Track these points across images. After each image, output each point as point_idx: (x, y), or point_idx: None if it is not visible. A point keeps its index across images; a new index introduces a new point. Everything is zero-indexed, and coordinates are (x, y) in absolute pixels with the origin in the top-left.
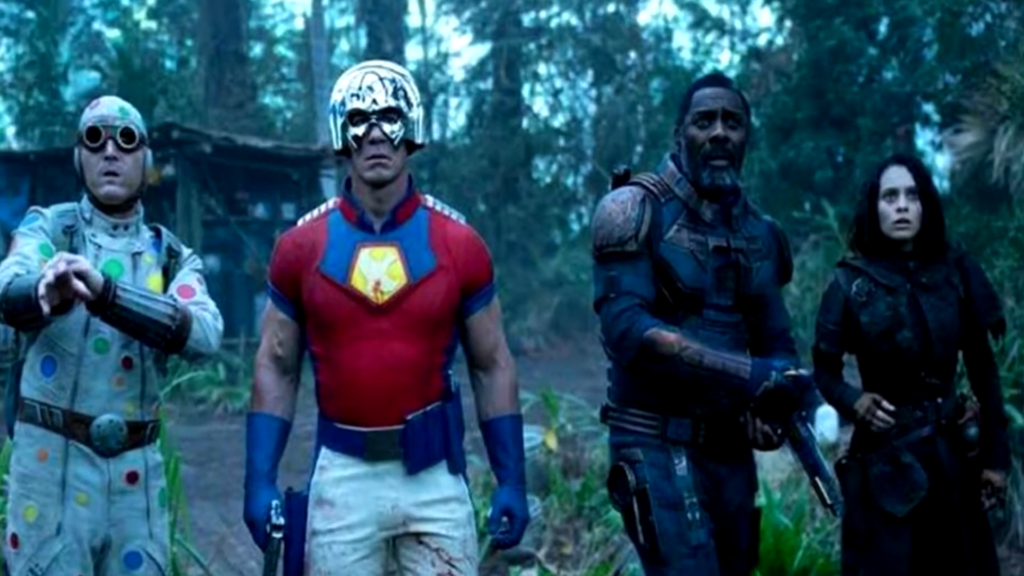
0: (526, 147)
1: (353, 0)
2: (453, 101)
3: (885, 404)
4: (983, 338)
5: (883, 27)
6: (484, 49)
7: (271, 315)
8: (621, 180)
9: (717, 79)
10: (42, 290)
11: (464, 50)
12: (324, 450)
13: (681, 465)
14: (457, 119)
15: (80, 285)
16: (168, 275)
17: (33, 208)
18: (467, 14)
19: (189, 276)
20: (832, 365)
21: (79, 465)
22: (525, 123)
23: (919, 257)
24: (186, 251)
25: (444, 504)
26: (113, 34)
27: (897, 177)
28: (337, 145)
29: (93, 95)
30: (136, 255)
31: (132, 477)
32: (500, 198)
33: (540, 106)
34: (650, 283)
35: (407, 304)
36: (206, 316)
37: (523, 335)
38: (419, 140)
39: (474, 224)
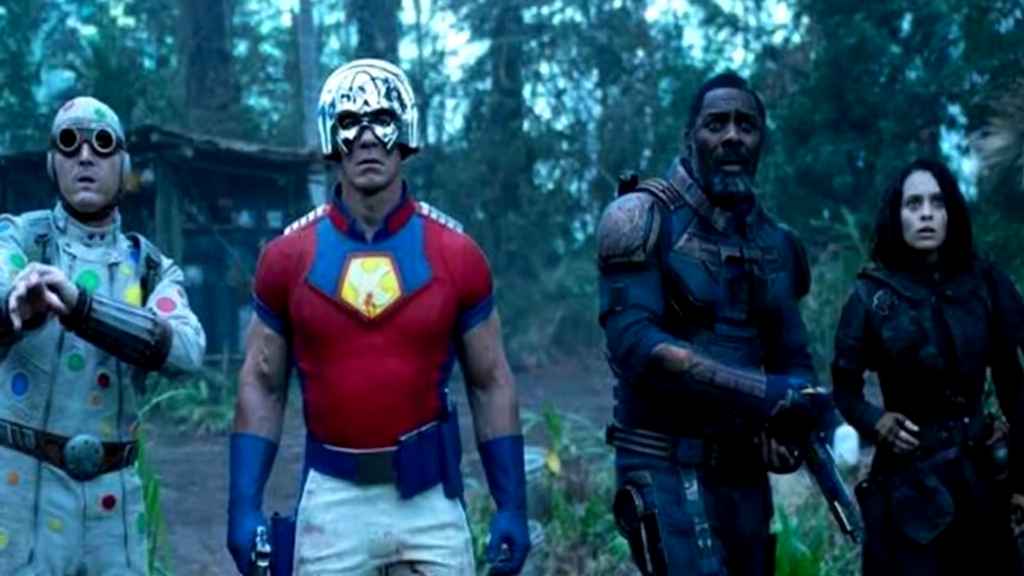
0: (527, 151)
1: None
2: (450, 102)
3: (908, 424)
4: (1012, 354)
5: (906, 24)
6: (482, 47)
7: (256, 330)
8: (628, 186)
9: (730, 79)
10: (13, 303)
11: (461, 48)
12: (313, 473)
13: (692, 489)
14: (454, 121)
15: (53, 298)
16: (147, 287)
17: (3, 216)
18: (464, 10)
19: (169, 288)
20: (852, 383)
21: (52, 489)
22: (526, 126)
23: (945, 268)
24: (166, 262)
25: (440, 530)
26: (88, 31)
27: (921, 183)
28: (326, 149)
29: (67, 96)
30: (113, 266)
31: (109, 502)
32: (499, 205)
33: (542, 108)
34: (659, 295)
35: (401, 318)
36: (187, 331)
37: (524, 351)
38: (413, 144)
39: (472, 233)
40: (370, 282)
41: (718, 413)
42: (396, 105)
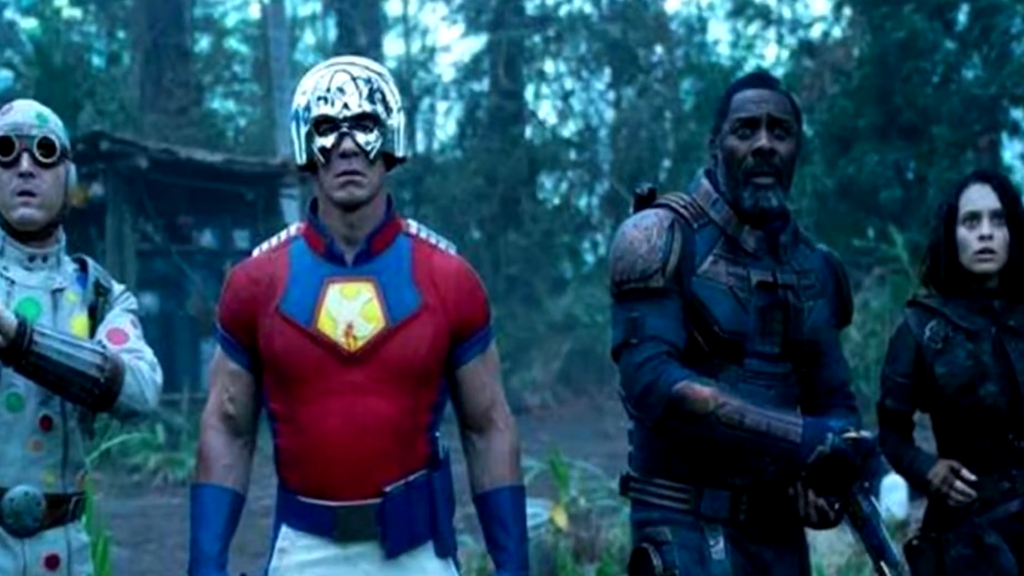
0: (530, 161)
1: None
2: (441, 106)
3: (965, 473)
4: None
5: (963, 16)
6: (479, 42)
7: (220, 365)
8: (645, 201)
9: (761, 79)
10: None
11: (455, 44)
12: (285, 529)
13: (718, 547)
14: (446, 127)
15: None
16: (96, 316)
17: None
18: (458, 0)
19: (121, 318)
20: (901, 426)
21: None
22: (528, 132)
23: (1006, 295)
24: (118, 288)
25: None
26: (29, 24)
27: (979, 198)
28: (301, 159)
29: (5, 98)
30: (57, 292)
31: (52, 562)
32: (498, 223)
33: (546, 111)
34: (680, 326)
35: (385, 352)
36: (142, 366)
37: (526, 389)
38: (400, 153)
39: (467, 255)
40: (350, 311)
41: (748, 461)
42: (380, 108)
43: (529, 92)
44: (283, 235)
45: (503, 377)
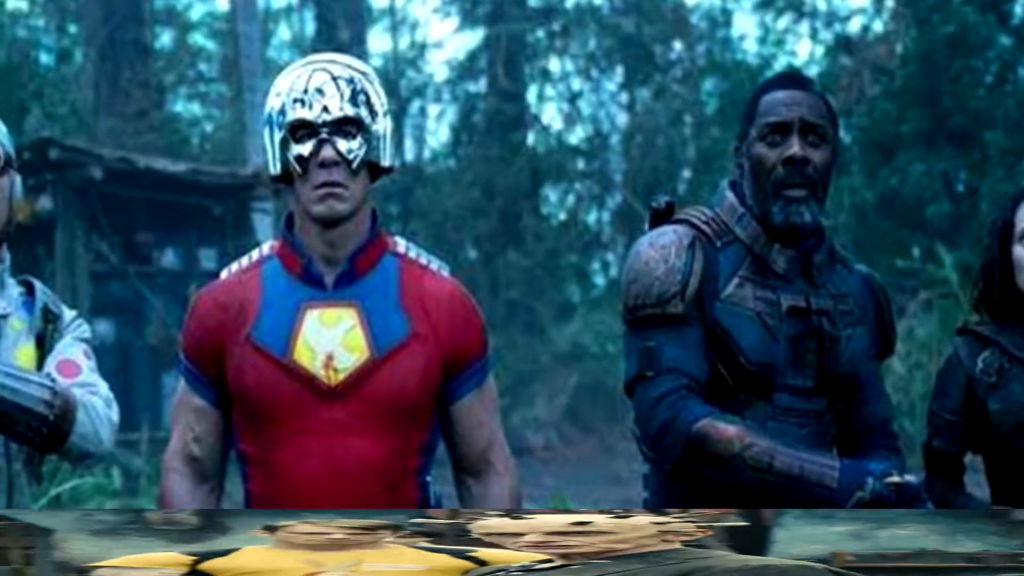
0: (532, 172)
1: None
2: (433, 109)
3: None
4: None
5: (1019, 8)
6: (475, 38)
7: (184, 401)
8: (662, 216)
9: (793, 79)
10: None
11: (448, 39)
12: None
13: None
14: (438, 133)
15: None
16: (44, 346)
17: None
18: None
19: (73, 348)
20: (950, 469)
21: None
22: (531, 139)
23: None
24: (69, 314)
25: None
26: None
27: None
28: (275, 169)
29: None
30: (0, 319)
31: None
32: (497, 241)
33: (551, 116)
34: (701, 357)
35: (370, 386)
36: (96, 402)
37: (528, 428)
38: (386, 162)
39: (462, 276)
40: (331, 340)
41: (779, 507)
42: (364, 112)
43: (532, 94)
44: (255, 254)
45: (502, 414)
